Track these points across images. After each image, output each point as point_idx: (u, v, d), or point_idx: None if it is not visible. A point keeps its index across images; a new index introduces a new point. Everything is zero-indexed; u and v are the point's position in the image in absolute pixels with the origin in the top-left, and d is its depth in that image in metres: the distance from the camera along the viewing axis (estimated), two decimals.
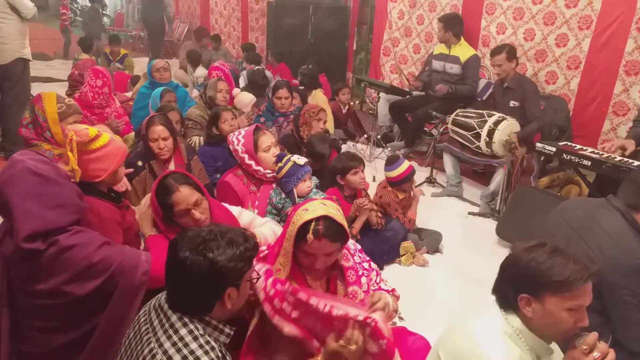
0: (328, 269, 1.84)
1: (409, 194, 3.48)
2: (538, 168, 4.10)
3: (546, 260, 1.41)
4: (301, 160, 2.86)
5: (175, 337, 1.31)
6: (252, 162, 2.89)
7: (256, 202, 2.92)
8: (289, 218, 1.78)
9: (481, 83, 5.15)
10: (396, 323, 1.86)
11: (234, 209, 2.36)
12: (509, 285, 1.49)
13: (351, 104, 5.97)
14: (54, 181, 1.65)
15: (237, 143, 2.90)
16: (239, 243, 1.41)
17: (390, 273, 3.14)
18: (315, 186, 3.00)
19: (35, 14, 4.49)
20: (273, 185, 2.96)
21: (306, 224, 1.67)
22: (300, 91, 5.27)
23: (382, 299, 1.70)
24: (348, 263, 1.84)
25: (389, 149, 5.27)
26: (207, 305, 1.39)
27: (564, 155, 3.37)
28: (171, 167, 2.96)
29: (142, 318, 1.44)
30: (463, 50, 5.01)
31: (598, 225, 1.95)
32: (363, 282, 1.85)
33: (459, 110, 4.36)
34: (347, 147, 5.35)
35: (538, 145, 3.57)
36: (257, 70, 6.37)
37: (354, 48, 7.82)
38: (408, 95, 5.40)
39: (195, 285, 1.34)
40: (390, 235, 3.24)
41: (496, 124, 3.93)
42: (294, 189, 2.85)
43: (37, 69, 7.71)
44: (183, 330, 1.33)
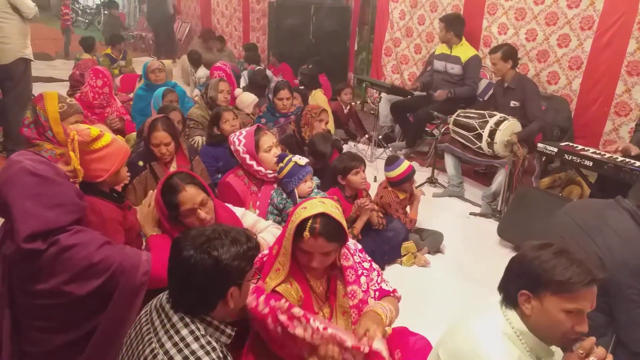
0: (328, 269, 1.84)
1: (410, 194, 3.48)
2: (539, 168, 4.09)
3: (550, 260, 1.41)
4: (302, 160, 2.86)
5: (177, 338, 1.31)
6: (254, 163, 2.89)
7: (257, 203, 2.92)
8: (289, 217, 1.77)
9: (482, 83, 5.14)
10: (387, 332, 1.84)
11: (238, 210, 2.36)
12: (512, 281, 1.50)
13: (352, 104, 5.97)
14: (52, 181, 1.65)
15: (239, 143, 2.90)
16: (242, 242, 1.41)
17: (391, 273, 3.14)
18: (317, 186, 3.00)
19: (36, 14, 4.49)
20: (274, 186, 2.96)
21: (304, 222, 1.67)
22: (302, 91, 5.27)
23: (371, 329, 1.61)
24: (347, 262, 1.84)
25: (390, 149, 5.27)
26: (210, 304, 1.39)
27: (566, 156, 3.37)
28: (173, 169, 2.95)
29: (144, 318, 1.44)
30: (464, 51, 5.01)
31: (607, 226, 1.96)
32: (362, 282, 1.85)
33: (460, 111, 4.36)
34: (349, 147, 5.35)
35: (539, 145, 3.57)
36: (258, 71, 6.37)
37: (355, 48, 7.82)
38: (409, 96, 5.39)
39: (199, 284, 1.34)
40: (391, 235, 3.24)
41: (497, 124, 3.92)
42: (295, 190, 2.85)
43: (39, 69, 7.72)
44: (184, 331, 1.33)
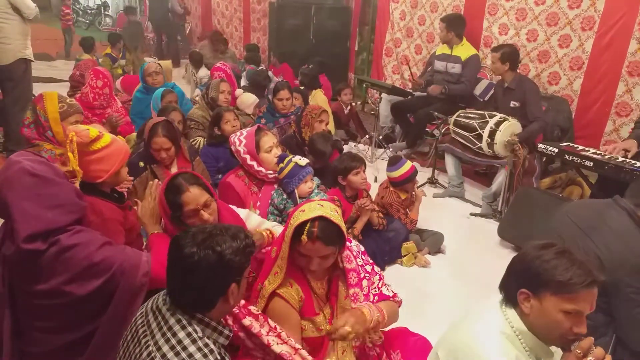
0: (329, 270, 1.83)
1: (411, 195, 3.47)
2: (540, 169, 4.09)
3: (552, 260, 1.41)
4: (303, 161, 2.86)
5: (174, 340, 1.30)
6: (254, 163, 2.89)
7: (258, 203, 2.92)
8: (288, 220, 1.77)
9: (483, 84, 5.13)
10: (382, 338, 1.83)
11: (242, 212, 2.35)
12: (513, 279, 1.50)
13: (353, 104, 5.97)
14: (51, 181, 1.65)
15: (239, 144, 2.90)
16: (242, 238, 1.41)
17: (391, 274, 3.14)
18: (317, 187, 3.00)
19: (37, 14, 4.49)
20: (274, 186, 2.95)
21: (302, 225, 1.66)
22: (302, 91, 5.27)
23: (347, 323, 1.59)
24: (350, 265, 1.83)
25: (391, 149, 5.27)
26: (211, 302, 1.38)
27: (566, 156, 3.36)
28: (173, 170, 2.95)
29: (139, 320, 1.43)
30: (465, 51, 5.01)
31: (605, 225, 1.96)
32: (364, 285, 1.84)
33: (460, 111, 4.36)
34: (349, 148, 5.35)
35: (540, 146, 3.56)
36: (260, 71, 6.37)
37: (356, 49, 7.82)
38: (410, 96, 5.39)
39: (201, 281, 1.34)
40: (392, 235, 3.24)
41: (498, 124, 3.92)
42: (296, 190, 2.85)
43: (40, 69, 7.72)
44: (181, 333, 1.32)
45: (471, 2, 5.34)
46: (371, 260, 1.97)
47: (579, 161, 3.26)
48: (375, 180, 4.48)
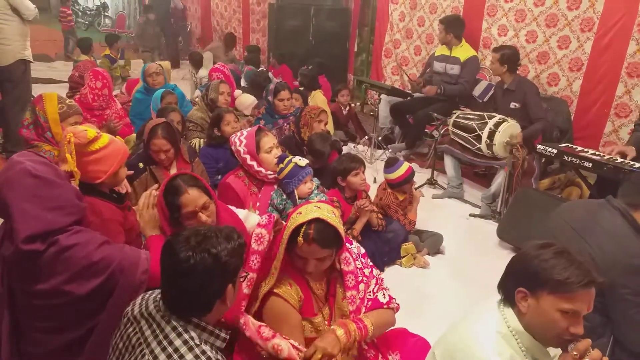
0: (328, 271, 1.83)
1: (409, 196, 3.47)
2: (539, 170, 4.09)
3: (550, 259, 1.41)
4: (302, 161, 2.86)
5: (170, 349, 1.28)
6: (254, 163, 2.89)
7: (257, 204, 2.92)
8: (286, 222, 1.77)
9: (482, 85, 5.14)
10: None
11: (240, 212, 2.35)
12: (511, 278, 1.50)
13: (352, 105, 5.97)
14: (52, 183, 1.64)
15: (239, 144, 2.90)
16: (235, 238, 1.40)
17: (391, 274, 3.14)
18: (317, 187, 3.00)
19: (36, 15, 4.50)
20: (274, 187, 2.95)
21: (299, 227, 1.66)
22: (302, 92, 5.27)
23: (318, 349, 1.60)
24: (348, 267, 1.82)
25: (390, 150, 5.27)
26: (208, 306, 1.36)
27: (565, 157, 3.37)
28: (173, 172, 2.95)
29: (130, 328, 1.40)
30: (464, 52, 5.02)
31: (598, 226, 1.95)
32: (361, 289, 1.84)
33: (459, 112, 4.36)
34: (348, 149, 5.35)
35: (539, 147, 3.57)
36: (260, 72, 6.37)
37: (355, 50, 7.83)
38: (409, 97, 5.39)
39: (198, 285, 1.32)
40: (391, 236, 3.24)
41: (497, 125, 3.92)
42: (295, 190, 2.85)
43: (39, 70, 7.72)
44: (178, 341, 1.30)
45: (470, 3, 5.35)
46: (371, 263, 1.96)
47: (577, 162, 3.27)
48: (375, 181, 4.48)
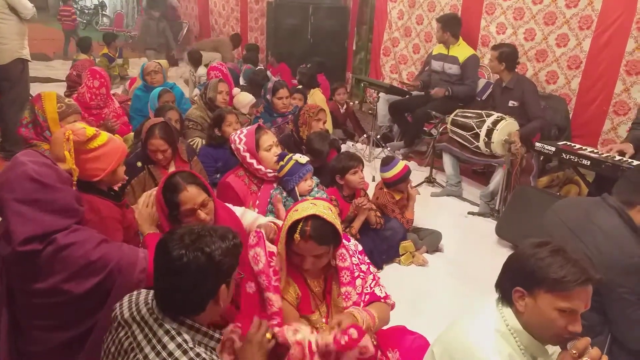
0: (325, 268, 1.83)
1: (406, 195, 3.47)
2: (537, 168, 4.10)
3: (546, 257, 1.40)
4: (303, 159, 2.86)
5: (164, 353, 1.27)
6: (254, 161, 2.89)
7: (257, 202, 2.92)
8: (283, 220, 1.76)
9: (480, 83, 5.14)
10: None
11: (237, 209, 2.35)
12: (508, 278, 1.50)
13: (351, 104, 5.96)
14: (52, 188, 1.64)
15: (239, 142, 2.90)
16: (230, 238, 1.38)
17: (389, 272, 3.14)
18: (316, 185, 3.00)
19: (34, 14, 4.49)
20: (274, 185, 2.95)
21: (295, 224, 1.66)
22: (302, 91, 5.27)
23: (343, 321, 1.60)
24: (344, 263, 1.81)
25: (389, 148, 5.27)
26: (201, 305, 1.35)
27: (564, 155, 3.37)
28: (171, 170, 2.95)
29: (122, 333, 1.38)
30: (462, 51, 5.01)
31: (594, 224, 1.95)
32: (358, 284, 1.83)
33: (458, 111, 4.36)
34: (347, 147, 5.35)
35: (537, 144, 3.57)
36: (258, 71, 6.37)
37: (354, 48, 7.83)
38: (408, 95, 5.39)
39: (190, 284, 1.31)
40: (389, 234, 3.24)
41: (495, 123, 3.93)
42: (295, 188, 2.85)
43: (37, 69, 7.70)
44: (171, 345, 1.28)
45: (469, 2, 5.35)
46: (368, 260, 1.95)
47: (576, 160, 3.27)
48: (373, 180, 4.48)
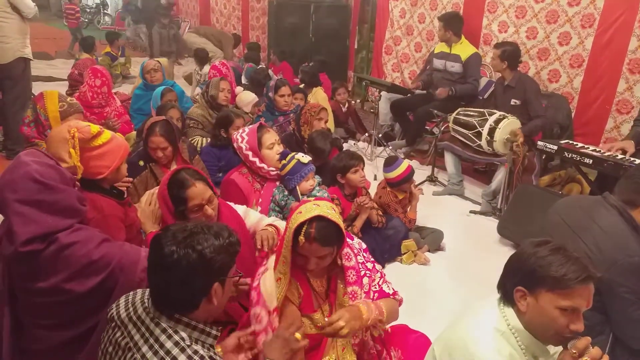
0: (329, 268, 1.83)
1: (409, 194, 3.47)
2: (539, 166, 4.09)
3: (547, 256, 1.40)
4: (305, 158, 2.86)
5: (162, 352, 1.27)
6: (256, 159, 2.89)
7: (259, 200, 2.92)
8: (287, 223, 1.75)
9: (482, 81, 5.14)
10: (382, 334, 1.83)
11: (239, 208, 2.35)
12: (509, 277, 1.49)
13: (352, 102, 5.96)
14: (55, 189, 1.64)
15: (241, 140, 2.90)
16: (225, 236, 1.37)
17: (391, 271, 3.13)
18: (318, 184, 3.00)
19: (36, 13, 4.49)
20: (276, 183, 2.95)
21: (300, 226, 1.65)
22: (303, 90, 5.27)
23: (342, 318, 1.60)
24: (349, 263, 1.81)
25: (390, 147, 5.27)
26: (193, 303, 1.34)
27: (566, 154, 3.36)
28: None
29: (118, 333, 1.38)
30: (464, 49, 5.00)
31: (595, 224, 1.94)
32: (365, 283, 1.83)
33: (460, 109, 4.36)
34: (348, 146, 5.35)
35: (539, 143, 3.56)
36: (260, 69, 6.36)
37: (355, 47, 7.82)
38: (409, 94, 5.39)
39: (182, 281, 1.30)
40: (391, 233, 3.24)
41: (497, 122, 3.92)
42: (297, 187, 2.85)
43: (39, 68, 7.71)
44: (169, 343, 1.28)
45: (471, 0, 5.33)
46: (372, 259, 1.95)
47: (578, 158, 3.27)
48: (375, 179, 4.48)
